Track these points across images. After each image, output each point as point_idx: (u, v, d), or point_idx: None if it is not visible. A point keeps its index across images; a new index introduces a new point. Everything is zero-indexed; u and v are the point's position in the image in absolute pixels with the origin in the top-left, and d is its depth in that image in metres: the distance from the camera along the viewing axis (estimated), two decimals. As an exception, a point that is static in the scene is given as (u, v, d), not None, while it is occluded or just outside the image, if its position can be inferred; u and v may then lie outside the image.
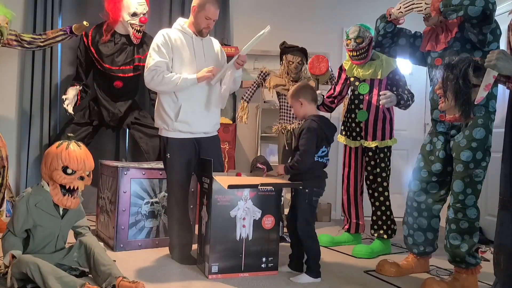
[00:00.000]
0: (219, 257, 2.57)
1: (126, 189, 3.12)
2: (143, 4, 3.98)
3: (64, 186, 2.35)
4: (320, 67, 3.66)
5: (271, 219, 2.69)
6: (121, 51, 4.04)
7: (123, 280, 2.18)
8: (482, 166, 2.49)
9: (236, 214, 2.60)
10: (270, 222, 2.69)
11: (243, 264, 2.61)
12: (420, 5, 2.59)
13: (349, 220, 3.59)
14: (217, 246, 2.56)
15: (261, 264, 2.66)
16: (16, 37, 3.64)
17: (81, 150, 2.40)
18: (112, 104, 4.14)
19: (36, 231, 2.37)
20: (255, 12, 4.83)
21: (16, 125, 4.35)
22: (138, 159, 4.27)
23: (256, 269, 2.65)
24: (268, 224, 2.68)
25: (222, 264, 2.57)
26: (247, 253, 2.62)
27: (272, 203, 2.71)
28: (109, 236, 3.21)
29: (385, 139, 3.37)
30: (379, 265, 2.86)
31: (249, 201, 2.63)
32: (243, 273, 2.61)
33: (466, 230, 2.50)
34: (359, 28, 3.28)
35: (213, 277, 2.56)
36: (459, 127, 2.58)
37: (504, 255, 1.89)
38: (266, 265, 2.67)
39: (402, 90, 3.35)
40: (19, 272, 2.17)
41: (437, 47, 2.66)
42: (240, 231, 2.61)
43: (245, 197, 2.62)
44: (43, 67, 4.31)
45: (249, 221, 2.63)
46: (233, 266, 2.60)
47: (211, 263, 2.55)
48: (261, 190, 2.65)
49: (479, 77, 1.96)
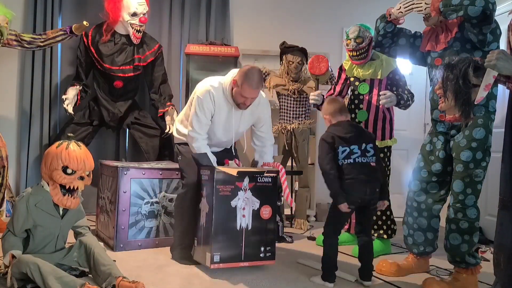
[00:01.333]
0: (221, 246, 2.59)
1: (126, 189, 3.12)
2: (143, 4, 3.98)
3: (64, 186, 2.35)
4: (320, 67, 3.66)
5: (268, 209, 2.73)
6: (121, 51, 4.04)
7: (123, 280, 2.18)
8: (482, 166, 2.49)
9: (237, 204, 2.64)
10: (268, 212, 2.73)
11: (243, 254, 2.65)
12: (420, 5, 2.59)
13: (349, 220, 3.58)
14: (219, 235, 2.59)
15: (260, 254, 2.70)
16: (16, 37, 3.64)
17: (81, 150, 2.40)
18: (112, 104, 4.14)
19: (36, 231, 2.37)
20: (255, 12, 4.83)
21: (16, 125, 4.35)
22: (138, 159, 4.27)
23: (255, 259, 2.68)
24: (266, 214, 2.72)
25: (223, 254, 2.60)
26: (247, 243, 2.65)
27: (270, 193, 2.76)
28: (109, 236, 3.21)
29: (385, 139, 3.37)
30: (379, 265, 2.86)
31: (248, 192, 2.68)
32: (243, 262, 2.65)
33: (466, 230, 2.50)
34: (359, 28, 3.28)
35: (215, 267, 2.58)
36: (459, 127, 2.58)
37: (504, 255, 1.89)
38: (264, 255, 2.71)
39: (402, 90, 3.35)
40: (19, 272, 2.17)
41: (437, 47, 2.66)
42: (240, 221, 2.64)
43: (244, 187, 2.67)
44: (43, 67, 4.31)
45: (249, 211, 2.67)
46: (234, 256, 2.63)
47: (213, 253, 2.57)
48: (259, 181, 2.70)
49: (479, 77, 1.96)
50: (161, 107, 4.15)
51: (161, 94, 4.20)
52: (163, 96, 4.19)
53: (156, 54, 4.14)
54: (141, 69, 4.14)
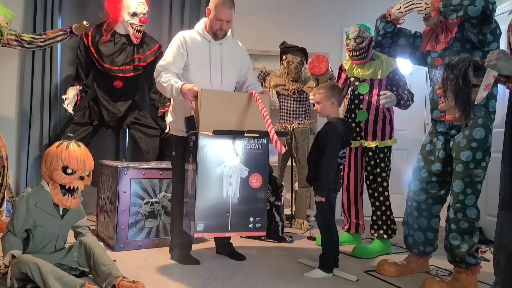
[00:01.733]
0: (205, 215, 2.47)
1: (126, 189, 3.12)
2: (143, 4, 3.98)
3: (64, 186, 2.35)
4: (320, 67, 3.67)
5: (258, 178, 2.60)
6: (121, 51, 4.05)
7: (123, 280, 2.18)
8: (482, 166, 2.49)
9: (223, 171, 2.52)
10: (257, 181, 2.60)
11: (229, 223, 2.53)
12: (420, 5, 2.59)
13: (349, 220, 3.59)
14: (203, 203, 2.47)
15: (249, 224, 2.58)
16: (16, 37, 3.64)
17: (81, 150, 2.40)
18: (112, 104, 4.14)
19: (36, 231, 2.37)
20: (255, 12, 4.83)
21: (16, 125, 4.35)
22: (138, 159, 4.28)
23: (243, 229, 2.57)
24: (256, 183, 2.60)
25: (208, 222, 2.48)
26: (234, 212, 2.54)
27: (260, 161, 2.62)
28: (109, 236, 3.21)
29: (385, 139, 3.37)
30: (379, 265, 2.86)
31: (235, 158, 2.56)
32: (230, 232, 2.54)
33: (466, 230, 2.50)
34: (359, 28, 3.28)
35: (199, 235, 2.49)
36: (459, 127, 2.58)
37: (504, 255, 1.89)
38: (253, 225, 2.59)
39: (402, 90, 3.35)
40: (19, 272, 2.17)
41: (437, 47, 2.66)
42: (226, 189, 2.53)
43: None
44: (43, 67, 4.31)
45: (236, 179, 2.55)
46: (220, 225, 2.51)
47: (197, 221, 2.46)
48: (248, 148, 2.57)
49: (479, 77, 1.96)
50: (161, 107, 4.15)
51: (161, 94, 4.20)
52: (163, 96, 4.19)
53: (156, 54, 4.14)
54: (141, 69, 4.14)
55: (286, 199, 4.22)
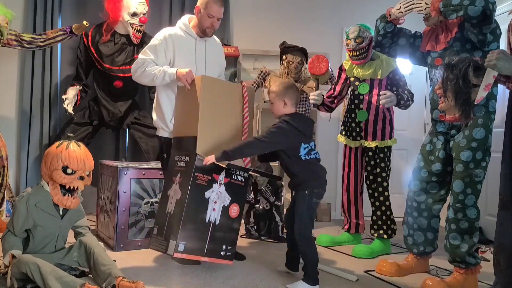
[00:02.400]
0: (188, 236, 2.49)
1: (126, 189, 3.12)
2: (143, 4, 3.98)
3: (64, 186, 2.36)
4: (320, 67, 3.66)
5: (237, 209, 2.69)
6: (121, 51, 4.05)
7: (123, 280, 2.18)
8: (482, 166, 2.49)
9: (210, 196, 2.57)
10: (235, 211, 2.68)
11: (206, 248, 2.56)
12: (420, 5, 2.59)
13: (349, 220, 3.59)
14: (188, 224, 2.49)
15: (221, 252, 2.62)
16: (16, 37, 3.64)
17: (81, 150, 2.40)
18: (112, 104, 4.14)
19: (36, 231, 2.37)
20: (255, 12, 4.83)
21: (16, 125, 4.35)
22: (138, 159, 4.27)
23: (216, 255, 2.60)
24: (234, 212, 2.68)
25: (188, 244, 2.50)
26: (212, 238, 2.58)
27: (240, 193, 2.71)
28: (109, 236, 3.21)
29: (385, 139, 3.37)
30: (379, 265, 2.86)
31: (222, 186, 2.63)
32: (204, 257, 2.56)
33: (466, 230, 2.50)
34: (359, 28, 3.28)
35: (178, 256, 2.50)
36: (459, 127, 2.58)
37: (504, 255, 1.89)
38: (224, 254, 2.64)
39: (402, 90, 3.35)
40: (19, 272, 2.17)
41: (437, 47, 2.66)
42: (210, 214, 2.57)
43: (220, 181, 2.62)
44: (43, 67, 4.31)
45: (219, 206, 2.62)
46: (197, 248, 2.53)
47: (179, 241, 2.47)
48: (233, 179, 2.66)
49: (479, 77, 1.97)
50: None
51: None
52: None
53: (156, 54, 4.14)
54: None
55: (286, 199, 4.22)
